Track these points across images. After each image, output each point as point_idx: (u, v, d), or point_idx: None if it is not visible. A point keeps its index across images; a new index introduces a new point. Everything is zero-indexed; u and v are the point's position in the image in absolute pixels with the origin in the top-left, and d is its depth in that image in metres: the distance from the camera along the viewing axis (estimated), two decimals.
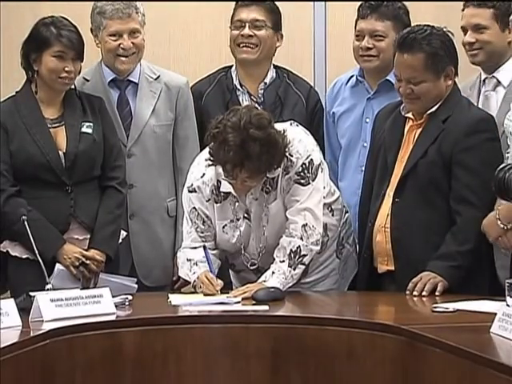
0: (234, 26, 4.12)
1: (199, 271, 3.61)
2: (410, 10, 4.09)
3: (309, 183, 3.60)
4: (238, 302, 3.37)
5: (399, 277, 3.59)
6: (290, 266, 3.55)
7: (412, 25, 3.88)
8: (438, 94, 3.59)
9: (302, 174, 3.58)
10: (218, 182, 3.61)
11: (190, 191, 3.68)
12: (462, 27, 3.80)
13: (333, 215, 3.77)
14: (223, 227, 3.68)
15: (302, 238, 3.56)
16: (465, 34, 3.79)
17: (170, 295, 3.52)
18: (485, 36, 3.75)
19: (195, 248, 3.69)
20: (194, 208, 3.67)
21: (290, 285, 3.55)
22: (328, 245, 3.76)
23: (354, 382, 3.07)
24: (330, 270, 3.79)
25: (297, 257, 3.57)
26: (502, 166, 3.16)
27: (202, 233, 3.68)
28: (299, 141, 3.60)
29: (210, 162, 3.53)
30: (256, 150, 3.41)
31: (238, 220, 3.66)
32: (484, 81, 3.84)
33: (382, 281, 3.69)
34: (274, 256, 3.59)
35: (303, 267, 3.59)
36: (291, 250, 3.56)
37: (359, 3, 4.10)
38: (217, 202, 3.66)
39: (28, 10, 4.70)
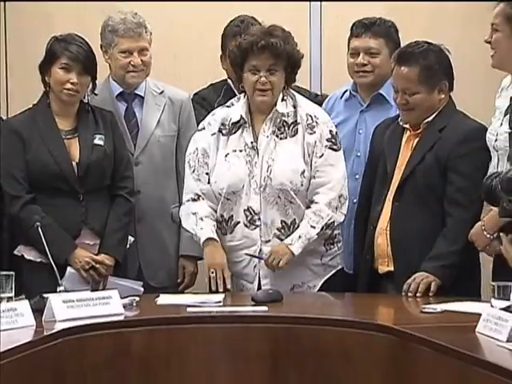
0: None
1: (206, 227, 3.63)
2: (401, 24, 4.10)
3: (340, 149, 3.69)
4: (219, 302, 3.36)
5: (397, 277, 3.57)
6: (318, 234, 3.61)
7: (401, 40, 3.92)
8: (430, 106, 3.59)
9: (332, 140, 3.67)
10: (230, 119, 3.69)
11: (198, 130, 3.76)
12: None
13: None
14: (226, 156, 3.67)
15: (336, 209, 3.63)
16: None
17: (160, 295, 3.50)
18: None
19: (197, 200, 3.69)
20: (197, 149, 3.71)
21: None
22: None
23: (350, 378, 3.05)
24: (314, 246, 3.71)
25: (328, 229, 3.64)
26: (489, 174, 3.14)
27: (199, 176, 3.68)
28: (322, 111, 3.76)
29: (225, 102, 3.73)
30: (280, 33, 3.61)
31: (241, 151, 3.66)
32: None
33: (381, 281, 3.67)
34: (307, 218, 3.61)
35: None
36: (326, 223, 3.61)
37: (355, 19, 4.08)
38: (224, 135, 3.69)
39: (43, 27, 4.69)
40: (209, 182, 3.70)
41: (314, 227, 3.60)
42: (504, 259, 3.38)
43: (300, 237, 3.60)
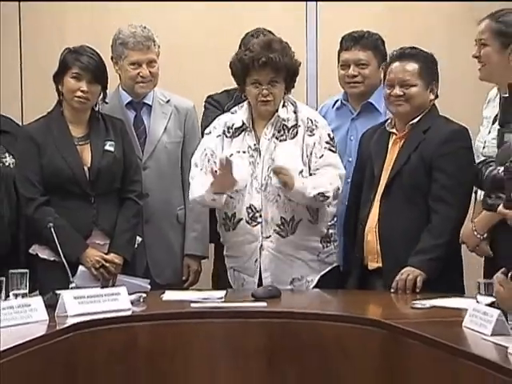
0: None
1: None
2: (390, 36, 4.17)
3: (337, 151, 3.75)
4: (221, 298, 3.38)
5: (386, 273, 3.61)
6: (310, 195, 3.61)
7: (395, 46, 3.92)
8: (422, 103, 3.65)
9: (330, 142, 3.73)
10: (233, 124, 3.73)
11: (206, 134, 3.81)
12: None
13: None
14: (230, 156, 3.70)
15: (334, 198, 3.69)
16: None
17: (166, 292, 3.54)
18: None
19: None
20: (205, 149, 3.76)
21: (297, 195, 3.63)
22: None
23: (344, 369, 3.09)
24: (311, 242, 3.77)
25: (320, 197, 3.65)
26: (481, 160, 3.17)
27: (207, 173, 3.72)
28: (320, 116, 3.83)
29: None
30: (278, 46, 3.66)
31: (244, 153, 3.71)
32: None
33: (371, 277, 3.70)
34: (311, 179, 3.65)
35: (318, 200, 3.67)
36: (323, 191, 3.64)
37: (350, 29, 4.13)
38: (228, 137, 3.74)
39: (56, 38, 4.74)
40: None
41: (314, 188, 3.62)
42: (493, 260, 3.44)
43: (303, 183, 3.62)
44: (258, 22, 4.26)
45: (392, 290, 3.51)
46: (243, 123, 3.76)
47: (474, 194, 3.60)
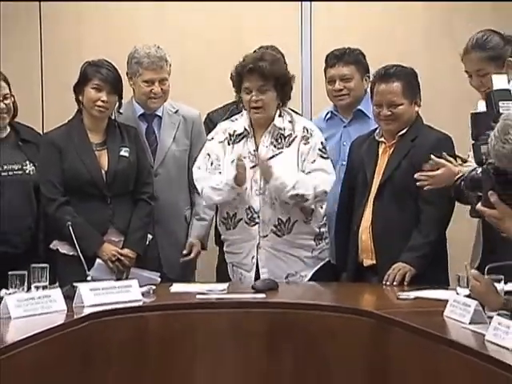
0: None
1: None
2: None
3: (329, 158, 3.79)
4: (224, 290, 3.43)
5: (380, 269, 3.67)
6: (287, 193, 3.66)
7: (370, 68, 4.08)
8: (409, 118, 3.73)
9: (323, 150, 3.77)
10: (234, 131, 3.77)
11: (208, 140, 3.86)
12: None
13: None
14: (232, 161, 3.76)
15: (316, 197, 3.73)
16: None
17: (173, 284, 3.59)
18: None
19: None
20: (208, 154, 3.81)
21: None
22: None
23: (335, 355, 3.14)
24: (305, 240, 3.83)
25: (296, 199, 3.69)
26: (458, 176, 3.26)
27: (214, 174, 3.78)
28: (315, 126, 3.86)
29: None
30: (269, 57, 3.72)
31: (245, 158, 3.75)
32: None
33: (367, 273, 3.76)
34: (296, 179, 3.68)
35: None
36: (299, 193, 3.68)
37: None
38: (229, 144, 3.79)
39: (74, 52, 4.81)
40: None
41: (294, 188, 3.67)
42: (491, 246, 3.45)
43: (281, 183, 3.67)
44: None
45: (383, 282, 3.58)
46: (245, 129, 3.83)
47: None
